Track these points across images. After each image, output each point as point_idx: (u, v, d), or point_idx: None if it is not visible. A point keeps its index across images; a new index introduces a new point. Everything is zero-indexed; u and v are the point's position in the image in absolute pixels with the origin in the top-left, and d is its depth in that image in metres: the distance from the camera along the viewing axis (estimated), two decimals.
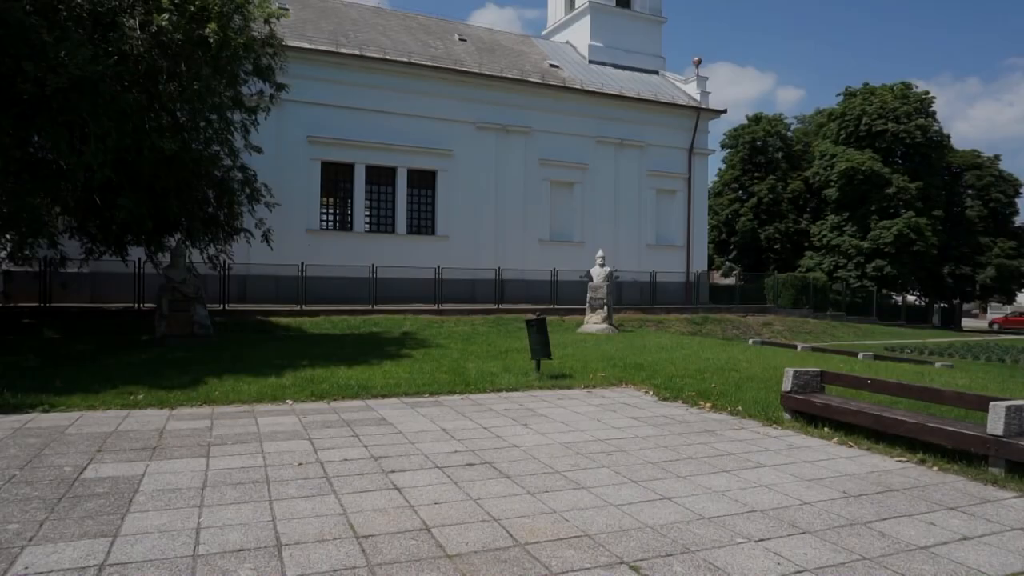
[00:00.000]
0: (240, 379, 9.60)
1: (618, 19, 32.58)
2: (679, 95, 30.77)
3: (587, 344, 15.65)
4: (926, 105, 43.23)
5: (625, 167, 28.98)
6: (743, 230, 45.24)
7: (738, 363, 12.47)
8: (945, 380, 10.82)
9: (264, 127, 15.82)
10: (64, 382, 9.03)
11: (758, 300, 31.20)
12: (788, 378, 7.85)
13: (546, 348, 10.87)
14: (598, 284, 19.82)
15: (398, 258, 23.43)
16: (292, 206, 21.62)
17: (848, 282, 39.23)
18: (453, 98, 25.51)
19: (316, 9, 26.82)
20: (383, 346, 14.42)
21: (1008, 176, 45.97)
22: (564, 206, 27.82)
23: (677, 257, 30.07)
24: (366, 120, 23.94)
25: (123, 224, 12.86)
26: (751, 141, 47.01)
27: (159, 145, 11.13)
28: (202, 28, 11.45)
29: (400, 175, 24.72)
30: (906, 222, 39.15)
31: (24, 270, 15.70)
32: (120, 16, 11.15)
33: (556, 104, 27.51)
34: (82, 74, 10.02)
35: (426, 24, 29.54)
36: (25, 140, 11.16)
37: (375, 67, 24.10)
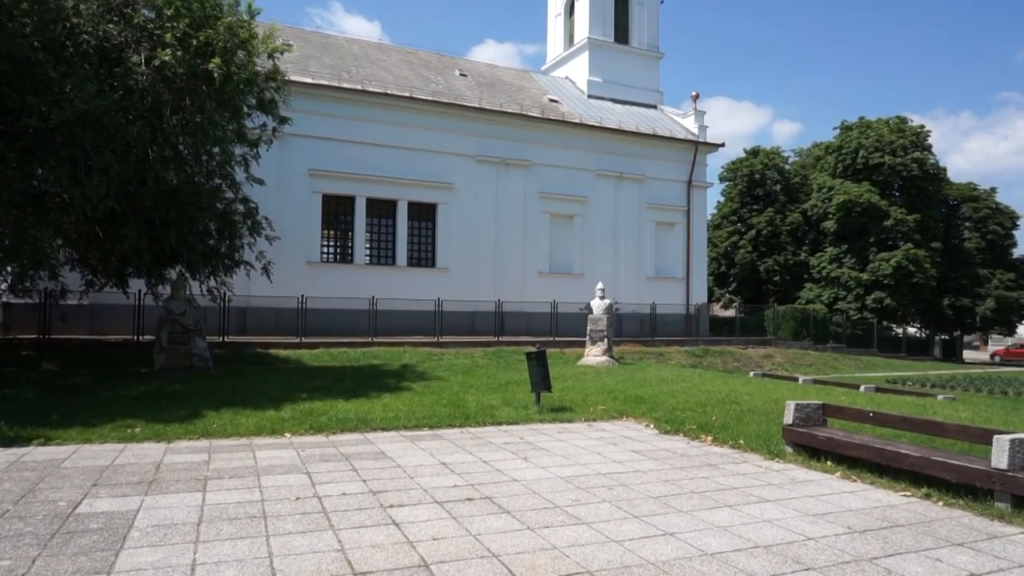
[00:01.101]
0: (238, 412, 9.54)
1: (616, 55, 33.10)
2: (677, 129, 31.11)
3: (587, 377, 15.58)
4: (922, 138, 43.70)
5: (624, 200, 29.18)
6: (742, 262, 45.37)
7: (739, 396, 12.40)
8: (948, 413, 10.75)
9: (266, 160, 15.96)
10: (61, 415, 8.97)
11: (758, 332, 31.15)
12: (790, 411, 7.80)
13: (546, 381, 10.81)
14: (598, 316, 19.81)
15: (398, 290, 23.45)
16: (293, 238, 21.72)
17: (848, 314, 39.21)
18: (454, 132, 25.79)
19: (319, 45, 27.26)
20: (382, 379, 14.35)
21: (1005, 208, 46.27)
22: (564, 239, 27.93)
23: (677, 289, 30.10)
24: (367, 153, 24.16)
25: (124, 256, 12.89)
26: (749, 174, 47.41)
27: (163, 176, 11.21)
28: (206, 63, 11.60)
29: (400, 208, 24.86)
30: (905, 254, 39.28)
31: (24, 302, 15.69)
32: (126, 52, 11.31)
33: (556, 138, 27.80)
34: (87, 108, 10.14)
35: (427, 60, 29.99)
36: (29, 173, 11.25)
37: (377, 101, 24.41)
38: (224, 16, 12.43)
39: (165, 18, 11.56)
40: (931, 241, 41.62)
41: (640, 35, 33.64)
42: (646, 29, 33.70)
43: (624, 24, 33.63)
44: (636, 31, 33.65)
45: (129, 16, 11.70)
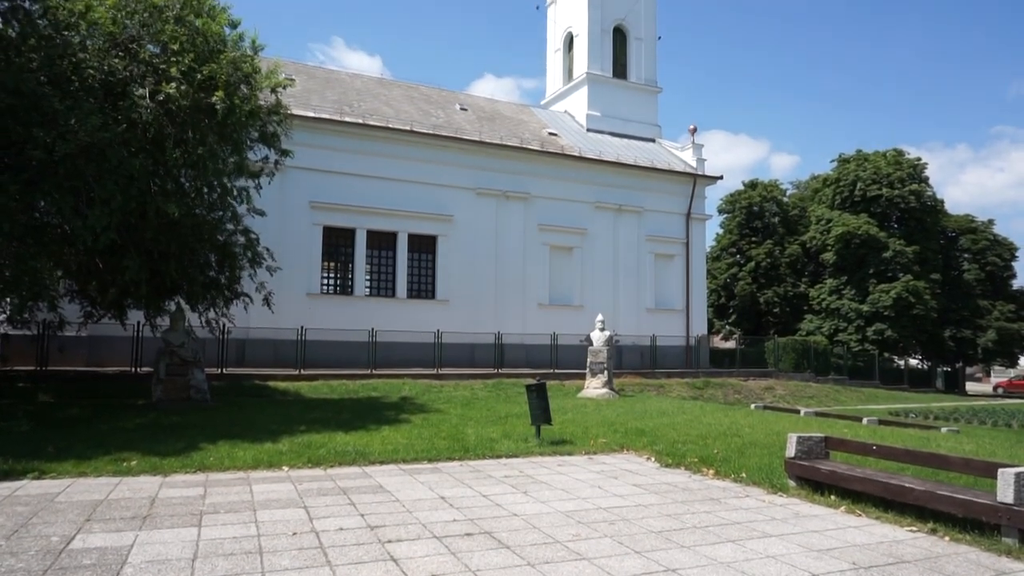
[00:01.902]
0: (236, 445, 9.45)
1: (615, 89, 33.54)
2: (675, 162, 31.38)
3: (588, 409, 15.48)
4: (919, 171, 44.03)
5: (624, 232, 29.30)
6: (742, 294, 45.37)
7: (741, 428, 12.30)
8: (951, 446, 10.65)
9: (267, 192, 16.05)
10: (57, 448, 8.88)
11: (759, 364, 31.02)
12: (792, 444, 7.73)
13: (546, 413, 10.74)
14: (598, 348, 19.74)
15: (398, 322, 23.41)
16: (293, 270, 21.75)
17: (849, 346, 39.09)
18: (454, 165, 26.00)
19: (322, 80, 27.63)
20: (381, 411, 14.25)
21: (1003, 240, 46.42)
22: (563, 270, 27.98)
23: (677, 321, 30.05)
24: (368, 186, 24.33)
25: (123, 287, 12.90)
26: (748, 206, 47.66)
27: (164, 209, 11.27)
28: (209, 96, 11.74)
29: (401, 240, 24.95)
30: (904, 285, 39.30)
31: (22, 333, 15.65)
32: (130, 86, 11.46)
33: (555, 171, 28.02)
34: (91, 140, 10.24)
35: (428, 94, 30.37)
36: (31, 205, 11.32)
37: (378, 135, 24.65)
38: (228, 51, 12.63)
39: (170, 53, 11.74)
40: (930, 273, 41.68)
41: (638, 70, 34.12)
42: (644, 64, 34.20)
43: (622, 59, 34.16)
44: (634, 66, 34.15)
45: (135, 51, 11.89)
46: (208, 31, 12.23)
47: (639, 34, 34.29)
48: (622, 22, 34.03)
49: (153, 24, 11.85)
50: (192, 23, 12.11)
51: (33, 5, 11.46)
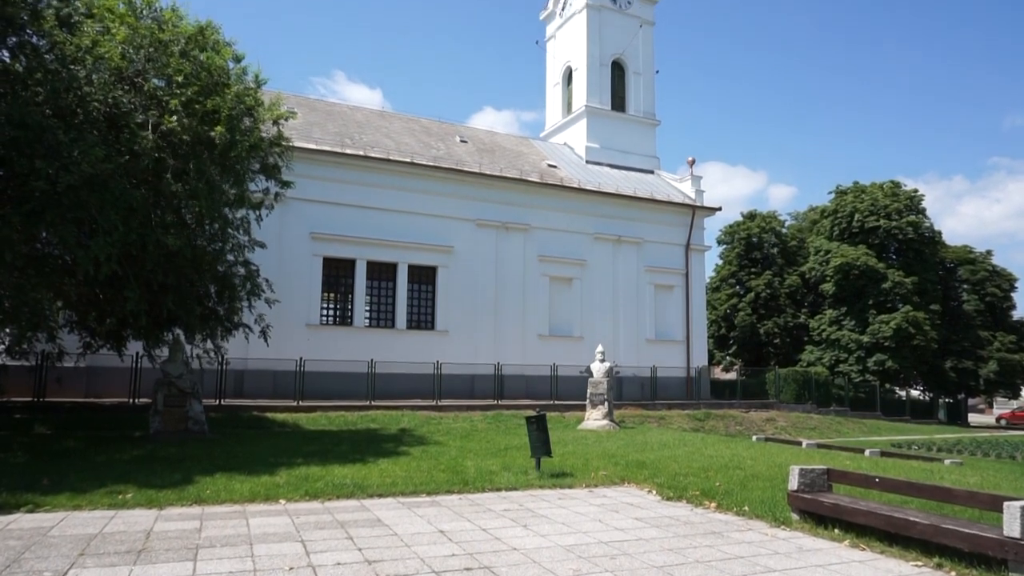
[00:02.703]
0: (232, 477, 9.35)
1: (614, 122, 33.91)
2: (674, 193, 31.59)
3: (588, 441, 15.35)
4: (916, 202, 44.31)
5: (623, 263, 29.38)
6: (742, 325, 45.34)
7: (742, 461, 12.19)
8: (955, 478, 10.55)
9: (268, 223, 16.15)
10: (52, 480, 8.79)
11: (760, 395, 30.86)
12: (794, 476, 7.65)
13: (546, 446, 10.65)
14: (598, 380, 19.66)
15: (397, 353, 23.34)
16: (292, 301, 21.76)
17: (850, 377, 38.94)
18: (454, 196, 26.17)
19: (323, 112, 27.95)
20: (380, 443, 14.14)
21: (1002, 271, 46.53)
22: (563, 301, 27.99)
23: (677, 352, 29.97)
24: (368, 217, 24.45)
25: (122, 318, 12.89)
26: (746, 237, 47.87)
27: (164, 241, 11.31)
28: (211, 129, 11.87)
29: (401, 271, 25.00)
30: (904, 316, 39.28)
31: (20, 364, 15.59)
32: (133, 118, 11.59)
33: (554, 202, 28.19)
34: (94, 172, 10.32)
35: (428, 127, 30.69)
36: (33, 236, 11.37)
37: (378, 167, 24.85)
38: (232, 84, 12.80)
39: (175, 86, 11.89)
40: (930, 303, 41.69)
41: (636, 103, 34.54)
42: (642, 97, 34.63)
43: (621, 93, 34.59)
44: (632, 99, 34.58)
45: (139, 85, 12.05)
46: (212, 66, 12.41)
47: (637, 68, 34.78)
48: (620, 56, 34.55)
49: (159, 58, 12.04)
50: (197, 57, 12.30)
51: (41, 41, 11.65)
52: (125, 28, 11.80)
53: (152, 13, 12.83)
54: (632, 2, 35.18)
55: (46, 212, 10.60)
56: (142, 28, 12.10)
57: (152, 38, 12.05)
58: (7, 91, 10.83)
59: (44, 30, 11.43)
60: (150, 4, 12.80)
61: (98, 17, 12.22)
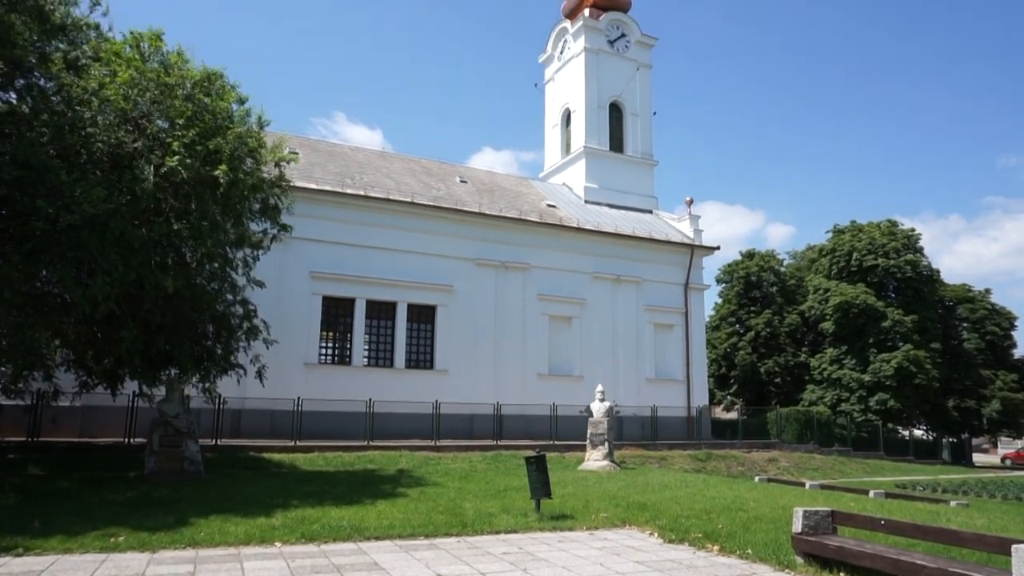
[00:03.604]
0: (227, 519, 9.20)
1: (612, 162, 34.28)
2: (673, 233, 31.77)
3: (588, 482, 15.16)
4: (913, 241, 44.53)
5: (622, 302, 29.38)
6: (742, 364, 45.16)
7: (745, 502, 12.02)
8: (962, 520, 10.39)
9: (268, 261, 16.19)
10: (43, 522, 8.64)
11: (762, 435, 30.57)
12: (798, 518, 7.54)
13: (546, 487, 10.51)
14: (598, 420, 19.49)
15: (396, 393, 23.16)
16: (291, 339, 21.69)
17: (852, 416, 38.62)
18: (454, 236, 26.31)
19: (324, 153, 28.26)
20: (378, 484, 13.95)
21: (1001, 309, 46.52)
22: (563, 341, 27.91)
23: (678, 391, 29.78)
24: (369, 256, 24.53)
25: (118, 357, 12.84)
26: (745, 276, 47.99)
27: (162, 282, 11.34)
28: (213, 170, 11.99)
29: (400, 309, 24.98)
30: (905, 355, 39.15)
31: (15, 403, 15.47)
32: (137, 159, 11.72)
33: (554, 241, 28.33)
34: (95, 212, 10.39)
35: (428, 167, 30.99)
36: (33, 274, 11.39)
37: (379, 207, 25.02)
38: (235, 126, 12.97)
39: (178, 127, 12.05)
40: (930, 342, 41.59)
41: (634, 144, 34.98)
42: (640, 138, 35.08)
43: (619, 134, 35.06)
44: (630, 140, 35.03)
45: (143, 126, 12.21)
46: (216, 108, 12.60)
47: (635, 110, 35.31)
48: (618, 99, 35.11)
49: (163, 101, 12.22)
50: (201, 100, 12.49)
51: (48, 83, 11.85)
52: (131, 71, 12.00)
53: (159, 57, 13.08)
54: (629, 46, 35.90)
55: (46, 251, 10.64)
56: (148, 71, 12.32)
57: (158, 81, 12.26)
58: (12, 132, 10.97)
59: (52, 72, 11.64)
60: (157, 49, 13.05)
61: (105, 60, 12.45)
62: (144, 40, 13.00)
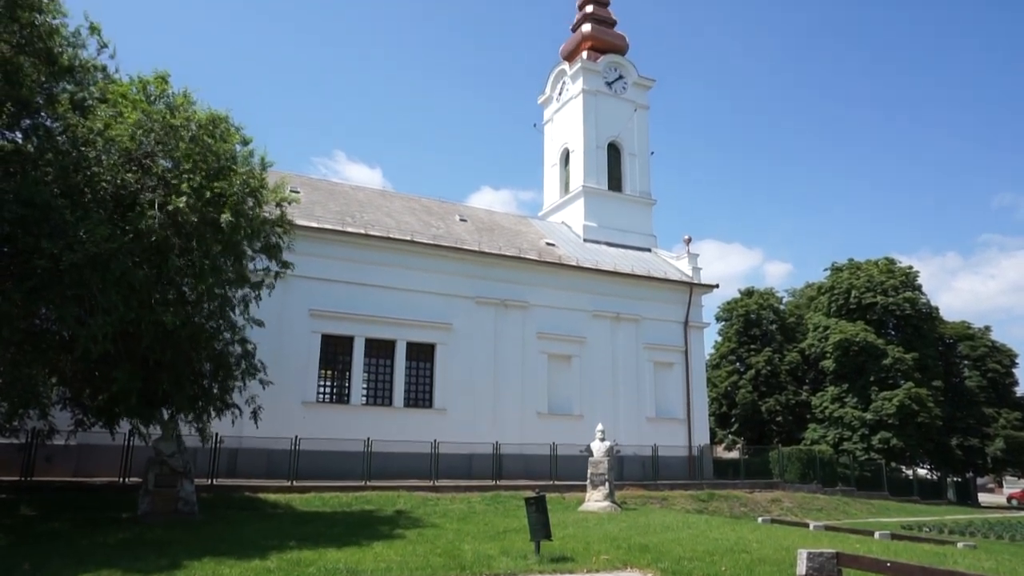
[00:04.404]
0: (221, 562, 9.04)
1: (611, 202, 34.58)
2: (672, 271, 31.87)
3: (589, 523, 14.94)
4: (911, 279, 44.62)
5: (622, 340, 29.33)
6: (743, 402, 44.86)
7: (748, 544, 11.83)
8: (970, 563, 10.22)
9: (268, 299, 16.16)
10: (34, 565, 8.49)
11: (764, 475, 30.22)
12: (802, 560, 7.41)
13: (546, 528, 10.36)
14: (599, 459, 19.29)
15: (394, 432, 22.95)
16: (289, 378, 21.60)
17: (855, 455, 38.21)
18: (453, 274, 26.38)
19: (326, 192, 28.51)
20: (375, 525, 13.75)
21: (1002, 347, 46.38)
22: (562, 379, 27.78)
23: (678, 430, 29.53)
24: (368, 294, 24.55)
25: (114, 396, 12.76)
26: (745, 314, 47.96)
27: (161, 319, 11.34)
28: (217, 212, 12.09)
29: (399, 348, 24.91)
30: (907, 393, 38.91)
31: (9, 442, 15.31)
32: (140, 198, 11.82)
33: (553, 280, 28.40)
34: (98, 251, 10.44)
35: (428, 206, 31.23)
36: (33, 312, 11.39)
37: (379, 245, 25.14)
38: (239, 167, 13.12)
39: (182, 168, 12.18)
40: (932, 380, 41.38)
41: (632, 183, 35.34)
42: (638, 178, 35.47)
43: (617, 173, 35.45)
44: (628, 180, 35.40)
45: (148, 166, 12.35)
46: (220, 150, 12.76)
47: (632, 150, 35.77)
48: (616, 139, 35.60)
49: (168, 141, 12.38)
50: (205, 141, 12.66)
51: (54, 123, 12.02)
52: (137, 112, 12.19)
53: (165, 98, 13.29)
54: (627, 88, 36.53)
55: (47, 289, 10.66)
56: (154, 113, 12.51)
57: (163, 123, 12.43)
58: (17, 170, 11.09)
59: (58, 113, 11.82)
60: (163, 91, 13.27)
61: (112, 102, 12.65)
62: (150, 83, 13.23)
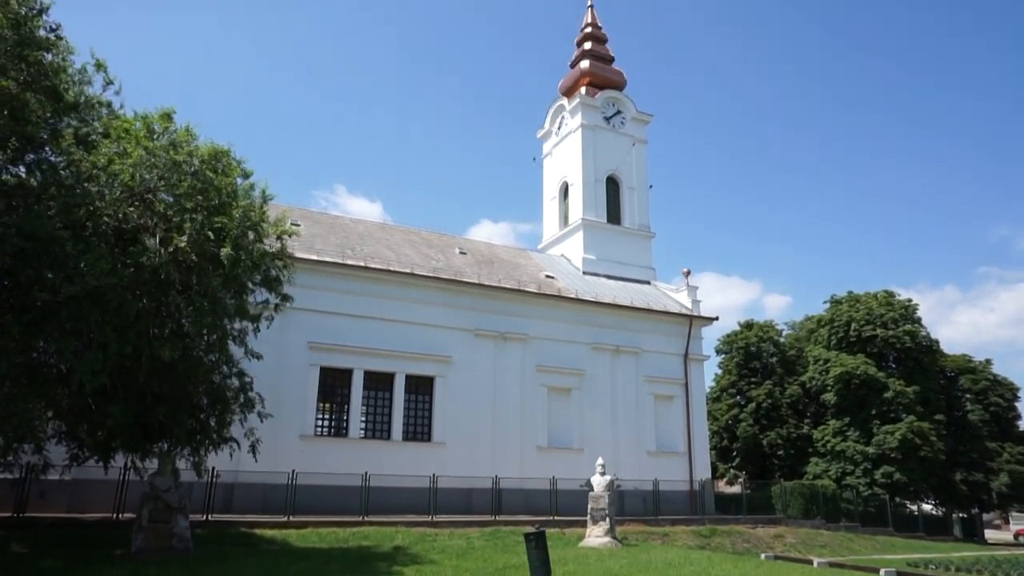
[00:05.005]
0: None
1: (610, 234, 34.78)
2: (671, 303, 31.88)
3: (590, 560, 14.72)
4: (911, 311, 44.58)
5: (622, 373, 29.22)
6: (744, 436, 44.49)
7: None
8: None
9: (266, 332, 16.14)
10: None
11: (766, 510, 29.85)
12: None
13: (546, 566, 10.23)
14: (599, 494, 19.08)
15: (392, 466, 22.73)
16: (287, 411, 21.47)
17: (858, 490, 37.78)
18: (453, 307, 26.38)
19: (326, 225, 28.67)
20: (372, 562, 13.55)
21: (1004, 380, 46.17)
22: (562, 412, 27.61)
23: (679, 464, 29.25)
24: (368, 327, 24.51)
25: (111, 430, 12.68)
26: (745, 347, 47.83)
27: (159, 353, 11.32)
28: (218, 247, 12.16)
29: (398, 381, 24.80)
30: (909, 426, 38.61)
31: (3, 477, 15.15)
32: (142, 233, 11.89)
33: (552, 312, 28.40)
34: (98, 284, 10.47)
35: (428, 238, 31.37)
36: (31, 346, 11.37)
37: (378, 277, 25.18)
38: (240, 201, 13.23)
39: (183, 205, 12.28)
40: (934, 413, 41.09)
41: (631, 216, 35.57)
42: (637, 211, 35.72)
43: (616, 206, 35.72)
44: (627, 213, 35.65)
45: (150, 201, 12.44)
46: (221, 185, 12.88)
47: (631, 183, 36.09)
48: (615, 172, 35.95)
49: (171, 177, 12.50)
50: (207, 176, 12.78)
51: (58, 158, 12.14)
52: (140, 150, 12.32)
53: (168, 135, 13.45)
54: (625, 122, 37.00)
55: (45, 323, 10.67)
56: (157, 149, 12.65)
57: (167, 158, 12.56)
58: (20, 204, 11.17)
59: (62, 148, 11.95)
60: (166, 128, 13.44)
61: (115, 137, 12.80)
62: (154, 121, 13.41)
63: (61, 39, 12.36)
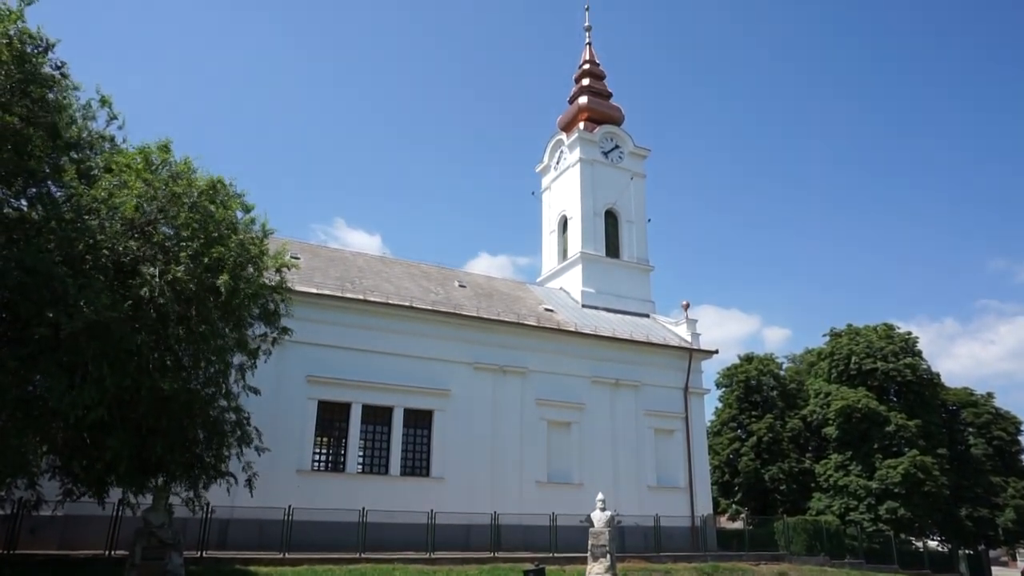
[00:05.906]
0: None
1: (608, 268, 34.85)
2: (671, 336, 31.80)
3: None
4: (911, 344, 44.42)
5: (622, 407, 29.02)
6: (746, 470, 43.99)
7: None
8: None
9: (264, 366, 16.07)
10: None
11: (769, 546, 29.38)
12: None
13: None
14: (599, 530, 18.79)
15: (390, 501, 22.43)
16: (284, 446, 21.28)
17: (862, 525, 37.25)
18: (452, 340, 26.31)
19: (325, 258, 28.73)
20: None
21: (1006, 413, 45.82)
22: (562, 446, 27.36)
23: (680, 499, 28.90)
24: (366, 360, 24.41)
25: (109, 463, 12.55)
26: (745, 380, 47.56)
27: (158, 385, 11.27)
28: (215, 277, 12.18)
29: (396, 414, 24.63)
30: (912, 460, 38.20)
31: None
32: (141, 266, 11.92)
33: (552, 346, 28.31)
34: (97, 319, 10.45)
35: (428, 272, 31.41)
36: (27, 379, 11.31)
37: (377, 311, 25.15)
38: (239, 233, 13.28)
39: (181, 236, 12.34)
40: (936, 447, 40.69)
41: (630, 250, 35.70)
42: (635, 244, 35.85)
43: (615, 240, 35.86)
44: (626, 246, 35.78)
45: (149, 234, 12.50)
46: (220, 217, 12.95)
47: (630, 217, 36.29)
48: (613, 206, 36.17)
49: (170, 209, 12.58)
50: (206, 208, 12.86)
51: (59, 191, 12.23)
52: (141, 183, 12.42)
53: (167, 166, 13.57)
54: (623, 157, 37.35)
55: (42, 357, 10.63)
56: (157, 182, 12.75)
57: (168, 191, 12.66)
58: (20, 237, 11.22)
59: (64, 182, 12.04)
60: (166, 161, 13.56)
61: (116, 172, 12.90)
62: (153, 153, 13.53)
63: (66, 77, 12.55)
